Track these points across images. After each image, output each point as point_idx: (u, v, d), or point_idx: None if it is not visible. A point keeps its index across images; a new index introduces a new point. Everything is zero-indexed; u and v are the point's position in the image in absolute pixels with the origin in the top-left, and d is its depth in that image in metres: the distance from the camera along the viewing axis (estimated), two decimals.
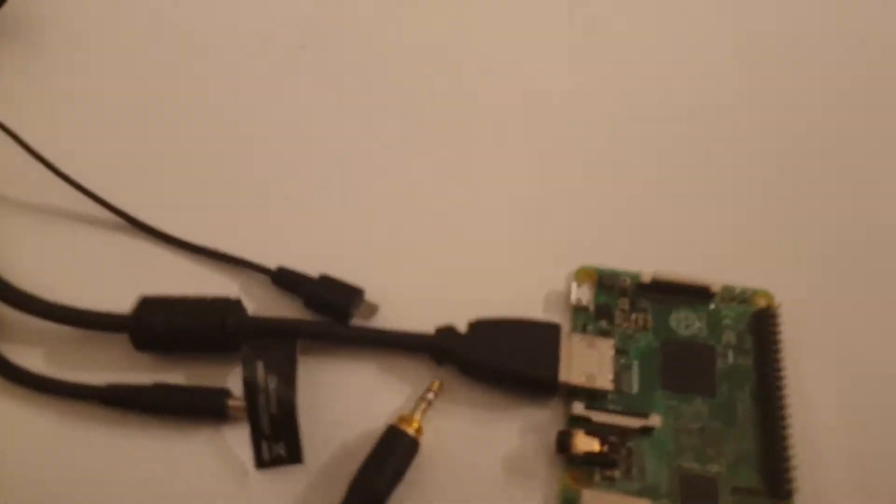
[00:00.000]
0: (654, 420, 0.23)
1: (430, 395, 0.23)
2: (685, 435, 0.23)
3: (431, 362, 0.24)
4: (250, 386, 0.22)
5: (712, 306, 0.25)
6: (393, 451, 0.22)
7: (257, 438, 0.22)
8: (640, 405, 0.23)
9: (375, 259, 0.26)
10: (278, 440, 0.22)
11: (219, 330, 0.23)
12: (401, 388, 0.24)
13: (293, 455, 0.22)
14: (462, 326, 0.24)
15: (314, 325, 0.24)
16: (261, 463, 0.22)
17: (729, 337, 0.25)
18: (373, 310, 0.25)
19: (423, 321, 0.24)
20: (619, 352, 0.24)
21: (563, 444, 0.22)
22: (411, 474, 0.22)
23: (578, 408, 0.23)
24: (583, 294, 0.25)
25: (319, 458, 0.23)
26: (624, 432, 0.23)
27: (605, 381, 0.23)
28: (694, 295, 0.25)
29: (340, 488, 0.22)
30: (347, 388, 0.24)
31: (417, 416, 0.23)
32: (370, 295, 0.25)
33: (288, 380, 0.23)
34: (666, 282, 0.25)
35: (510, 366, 0.23)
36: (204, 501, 0.23)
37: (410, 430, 0.22)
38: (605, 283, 0.25)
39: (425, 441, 0.23)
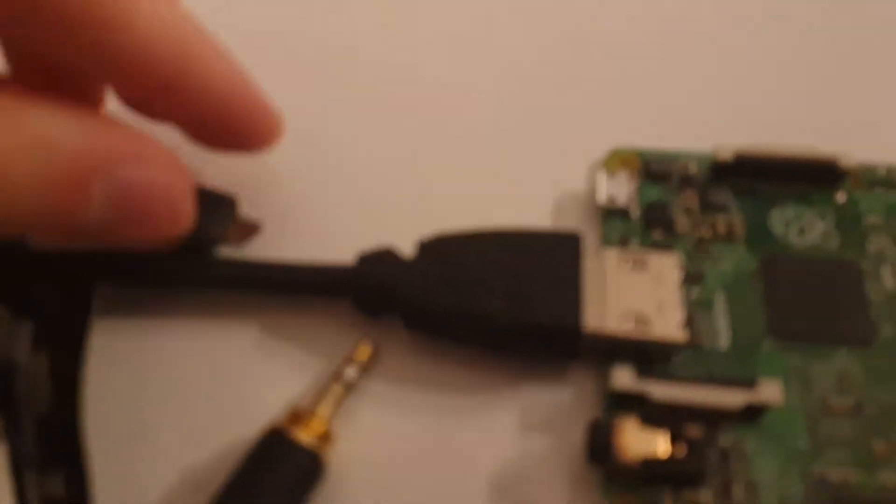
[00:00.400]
0: (770, 393, 0.12)
1: (352, 372, 0.13)
2: (828, 419, 0.13)
3: (355, 313, 0.14)
4: (6, 373, 0.12)
5: (842, 197, 0.15)
6: (274, 479, 0.12)
7: (17, 467, 0.12)
8: (737, 368, 0.13)
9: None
10: (54, 469, 0.12)
11: None
12: (299, 362, 0.13)
13: (78, 496, 0.12)
14: (408, 249, 0.14)
15: (137, 260, 0.14)
16: None
17: (880, 244, 0.14)
18: (250, 230, 0.14)
19: (344, 248, 0.14)
20: (690, 278, 0.14)
21: (600, 444, 0.12)
22: None
23: (624, 378, 0.12)
24: (618, 188, 0.15)
25: (140, 498, 0.13)
26: (712, 418, 0.12)
27: (670, 326, 0.13)
28: (809, 179, 0.15)
29: None
30: (201, 366, 0.13)
31: (324, 412, 0.12)
32: (250, 206, 0.15)
33: (74, 362, 0.12)
34: (762, 159, 0.15)
35: (493, 312, 0.13)
36: None
37: (308, 438, 0.12)
38: (655, 170, 0.15)
39: (340, 458, 0.12)
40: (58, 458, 0.12)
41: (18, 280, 0.13)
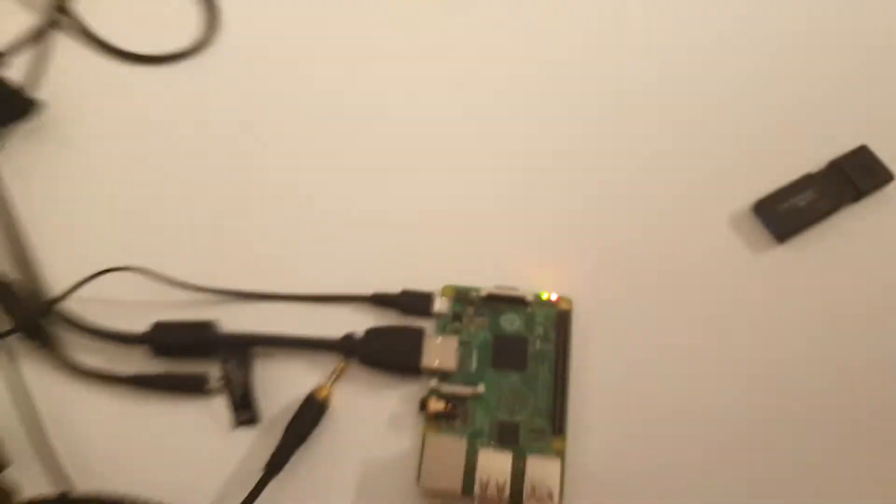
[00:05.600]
0: (480, 388, 0.35)
1: (336, 374, 0.36)
2: (503, 398, 0.35)
3: (339, 355, 0.37)
4: (225, 377, 0.35)
5: (529, 309, 0.37)
6: (310, 412, 0.35)
7: (231, 407, 0.35)
8: (475, 379, 0.36)
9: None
10: (243, 409, 0.35)
11: (199, 344, 0.36)
12: (320, 371, 0.37)
13: (254, 418, 0.35)
14: (360, 333, 0.36)
15: (267, 337, 0.37)
16: (235, 425, 0.35)
17: (539, 331, 0.37)
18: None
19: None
20: (463, 343, 0.36)
21: (423, 405, 0.35)
22: (322, 427, 0.35)
23: (433, 383, 0.35)
24: (444, 305, 0.37)
25: (270, 414, 0.36)
26: (462, 397, 0.35)
27: (451, 364, 0.35)
28: (517, 303, 0.37)
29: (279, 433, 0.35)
30: (282, 374, 0.37)
31: (329, 386, 0.36)
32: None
33: (248, 371, 0.35)
34: (497, 295, 0.37)
35: (391, 356, 0.36)
36: (195, 451, 0.36)
37: (322, 396, 0.35)
38: (460, 296, 0.38)
39: (334, 401, 0.35)
40: (246, 405, 0.34)
41: (227, 345, 0.35)
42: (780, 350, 0.37)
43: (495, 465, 0.33)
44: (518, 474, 0.33)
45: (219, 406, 0.36)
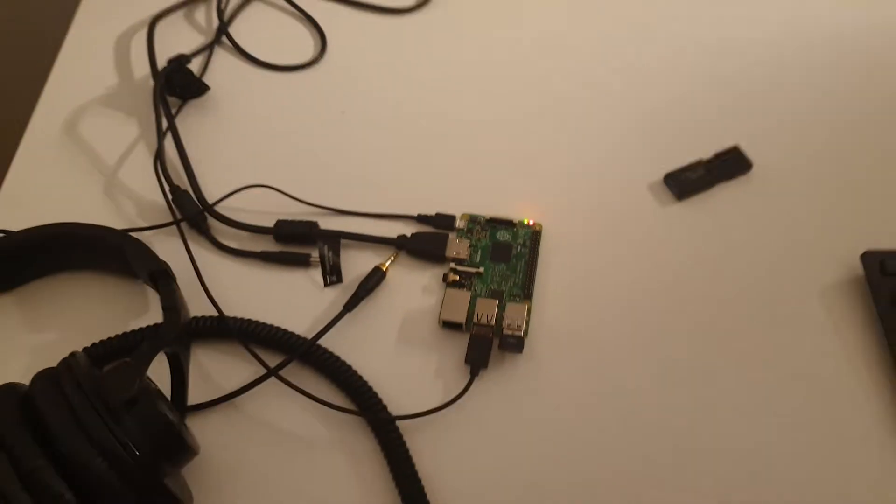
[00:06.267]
0: (481, 270, 0.56)
1: (392, 258, 0.57)
2: (494, 276, 0.56)
3: (394, 248, 0.57)
4: (321, 255, 0.56)
5: (515, 229, 0.58)
6: (375, 277, 0.55)
7: (324, 274, 0.56)
8: (478, 265, 0.57)
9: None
10: (333, 274, 0.56)
11: (306, 235, 0.57)
12: (382, 257, 0.57)
13: (339, 280, 0.56)
14: (408, 235, 0.57)
15: (350, 234, 0.57)
16: (326, 284, 0.56)
17: (520, 241, 0.58)
18: None
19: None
20: (472, 246, 0.57)
21: (444, 278, 0.56)
22: (381, 288, 0.56)
23: (452, 265, 0.56)
24: (462, 223, 0.59)
25: (349, 279, 0.56)
26: (469, 274, 0.56)
27: (464, 255, 0.56)
28: (507, 223, 0.58)
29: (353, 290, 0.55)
30: (357, 257, 0.57)
31: (387, 265, 0.56)
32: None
33: (337, 254, 0.56)
34: (495, 218, 0.58)
35: (427, 249, 0.57)
36: (299, 299, 0.56)
37: (383, 269, 0.56)
38: (472, 219, 0.59)
39: (389, 274, 0.56)
40: (334, 272, 0.55)
41: (322, 236, 0.56)
42: (673, 262, 0.57)
43: (487, 308, 0.53)
44: (500, 316, 0.54)
45: (315, 274, 0.57)
